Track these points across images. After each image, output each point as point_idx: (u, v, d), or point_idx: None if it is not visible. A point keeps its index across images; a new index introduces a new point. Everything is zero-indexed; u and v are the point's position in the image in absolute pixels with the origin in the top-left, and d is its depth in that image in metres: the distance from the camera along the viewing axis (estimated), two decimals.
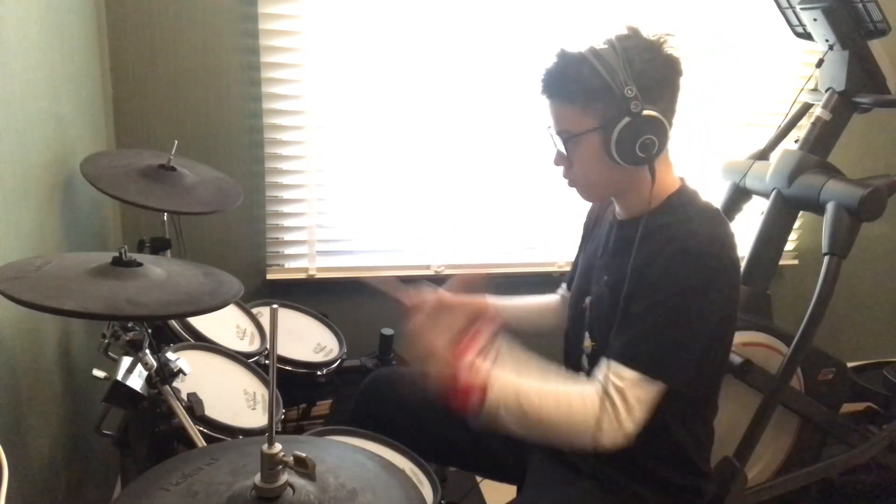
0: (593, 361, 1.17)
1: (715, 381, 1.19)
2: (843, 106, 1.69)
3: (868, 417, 2.28)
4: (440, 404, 1.12)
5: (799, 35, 1.79)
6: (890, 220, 1.68)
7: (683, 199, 1.12)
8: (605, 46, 1.05)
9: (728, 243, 1.06)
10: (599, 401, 1.00)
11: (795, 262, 2.54)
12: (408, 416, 1.34)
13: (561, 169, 1.17)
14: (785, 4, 1.76)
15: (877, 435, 1.93)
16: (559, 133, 1.11)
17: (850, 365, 2.02)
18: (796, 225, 2.35)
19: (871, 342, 2.83)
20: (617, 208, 1.20)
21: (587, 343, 1.20)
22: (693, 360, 1.04)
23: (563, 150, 1.12)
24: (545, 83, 1.09)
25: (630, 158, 1.05)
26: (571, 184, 1.16)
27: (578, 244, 1.40)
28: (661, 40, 1.06)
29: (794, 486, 1.87)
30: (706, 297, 1.02)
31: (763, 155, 1.96)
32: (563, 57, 1.07)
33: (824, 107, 1.71)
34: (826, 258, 1.60)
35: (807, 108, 1.93)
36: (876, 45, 1.62)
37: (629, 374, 1.02)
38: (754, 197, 1.95)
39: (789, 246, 2.53)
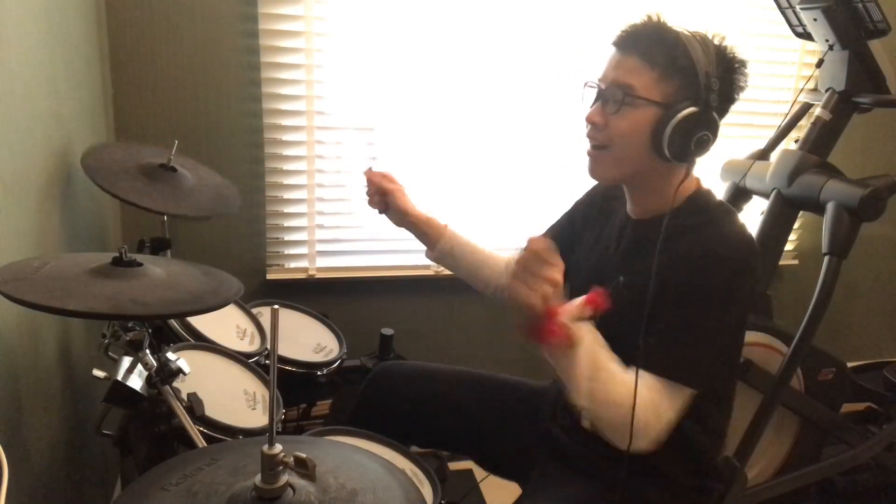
0: None
1: (731, 381, 1.19)
2: (843, 106, 1.69)
3: (868, 417, 2.28)
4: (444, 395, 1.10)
5: (799, 35, 1.79)
6: (890, 220, 1.68)
7: (704, 200, 1.11)
8: (698, 36, 1.04)
9: (752, 246, 1.06)
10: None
11: (795, 262, 2.54)
12: (413, 407, 1.35)
13: (588, 131, 1.08)
14: (785, 4, 1.76)
15: (877, 435, 1.93)
16: (618, 84, 1.03)
17: (850, 365, 2.02)
18: (796, 225, 2.35)
19: (871, 342, 2.83)
20: (630, 205, 1.17)
21: None
22: (717, 362, 1.04)
23: (611, 102, 1.04)
24: (629, 36, 1.04)
25: (675, 151, 1.03)
26: (597, 146, 1.08)
27: (562, 216, 1.40)
28: (744, 60, 1.06)
29: (794, 486, 1.87)
30: (730, 300, 1.02)
31: (763, 155, 1.96)
32: (661, 24, 1.05)
33: (824, 107, 1.71)
34: (826, 258, 1.60)
35: (807, 108, 1.93)
36: (876, 45, 1.61)
37: (660, 381, 1.01)
38: (754, 197, 1.95)
39: (789, 246, 2.53)
